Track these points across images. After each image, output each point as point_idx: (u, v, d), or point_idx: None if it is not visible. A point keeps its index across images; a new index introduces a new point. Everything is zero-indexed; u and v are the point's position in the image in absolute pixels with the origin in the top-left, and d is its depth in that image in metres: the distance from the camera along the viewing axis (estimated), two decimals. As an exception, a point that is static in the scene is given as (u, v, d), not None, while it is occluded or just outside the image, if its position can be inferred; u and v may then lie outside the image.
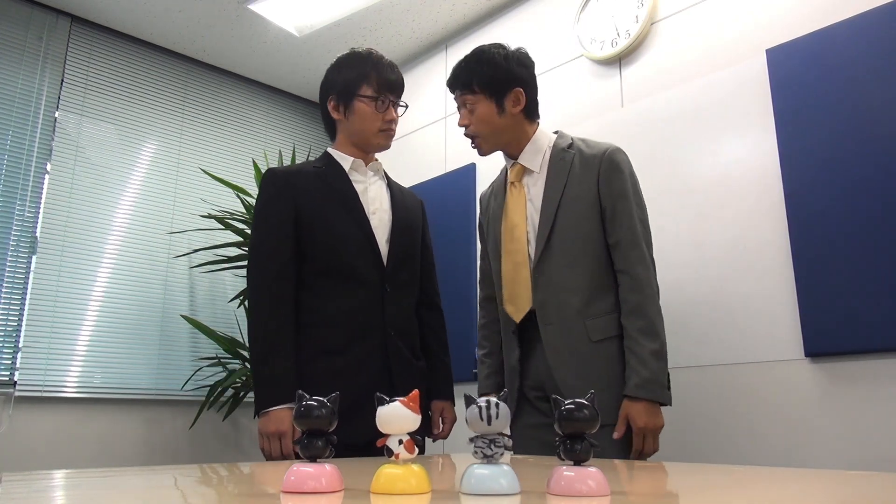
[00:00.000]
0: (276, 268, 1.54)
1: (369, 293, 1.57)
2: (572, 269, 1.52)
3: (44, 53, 2.97)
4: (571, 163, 1.57)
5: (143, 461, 2.89)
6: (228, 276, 3.30)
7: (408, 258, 1.67)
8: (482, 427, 0.61)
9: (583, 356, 1.50)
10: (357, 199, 1.62)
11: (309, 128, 3.92)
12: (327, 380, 1.49)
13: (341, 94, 1.67)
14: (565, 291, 1.52)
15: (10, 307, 2.70)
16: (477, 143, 1.63)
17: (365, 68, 1.65)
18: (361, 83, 1.64)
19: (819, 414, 1.75)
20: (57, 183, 2.91)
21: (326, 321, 1.55)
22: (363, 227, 1.59)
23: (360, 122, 1.65)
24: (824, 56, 1.88)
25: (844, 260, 1.75)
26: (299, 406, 0.64)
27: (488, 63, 1.58)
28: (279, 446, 1.43)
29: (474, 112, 1.59)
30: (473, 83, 1.58)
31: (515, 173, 1.64)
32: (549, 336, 1.52)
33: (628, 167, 1.58)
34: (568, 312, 1.52)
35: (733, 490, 0.74)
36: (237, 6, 3.03)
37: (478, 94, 1.58)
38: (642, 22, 2.40)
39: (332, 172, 1.65)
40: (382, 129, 1.65)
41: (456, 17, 3.14)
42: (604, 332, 1.51)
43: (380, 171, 1.73)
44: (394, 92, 1.66)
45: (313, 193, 1.60)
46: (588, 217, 1.54)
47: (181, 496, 0.72)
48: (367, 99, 1.63)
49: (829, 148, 1.83)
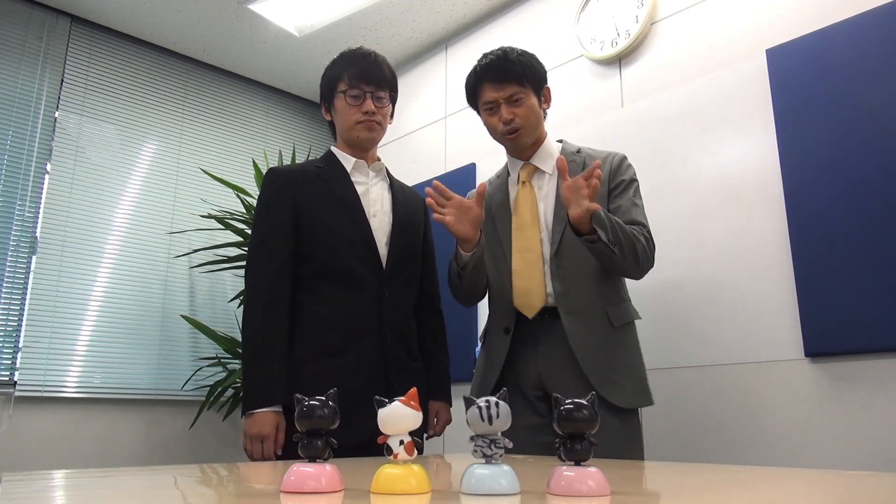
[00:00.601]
0: (275, 268, 1.54)
1: (367, 295, 1.56)
2: (588, 262, 1.55)
3: (44, 53, 2.97)
4: (583, 164, 1.63)
5: (143, 461, 2.89)
6: (228, 276, 3.30)
7: (407, 261, 1.66)
8: (483, 427, 0.61)
9: (607, 341, 1.54)
10: (357, 201, 1.61)
11: (309, 128, 3.92)
12: (323, 381, 1.47)
13: (324, 95, 1.69)
14: (585, 281, 1.56)
15: (10, 307, 2.70)
16: (518, 135, 1.63)
17: (342, 64, 1.65)
18: (338, 80, 1.64)
19: (819, 414, 1.75)
20: (57, 183, 2.91)
21: (323, 322, 1.54)
22: (362, 229, 1.58)
23: (341, 118, 1.65)
24: (824, 56, 1.88)
25: (844, 260, 1.75)
26: (300, 407, 0.64)
27: (530, 58, 1.64)
28: (261, 449, 1.43)
29: (522, 105, 1.60)
30: (523, 77, 1.61)
31: (528, 173, 1.67)
32: (572, 324, 1.54)
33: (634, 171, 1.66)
34: (589, 300, 1.56)
35: (733, 490, 0.74)
36: (237, 6, 3.03)
37: (526, 88, 1.61)
38: (642, 22, 2.40)
39: (333, 173, 1.64)
40: (360, 120, 1.62)
41: (456, 17, 3.14)
42: (622, 318, 1.57)
43: (382, 172, 1.72)
44: (369, 82, 1.61)
45: (313, 194, 1.60)
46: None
47: (181, 496, 0.72)
48: (341, 94, 1.63)
49: (829, 148, 1.83)
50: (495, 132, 1.66)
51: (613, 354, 1.54)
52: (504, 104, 1.61)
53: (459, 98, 3.16)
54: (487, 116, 1.65)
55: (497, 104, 1.62)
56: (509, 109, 1.60)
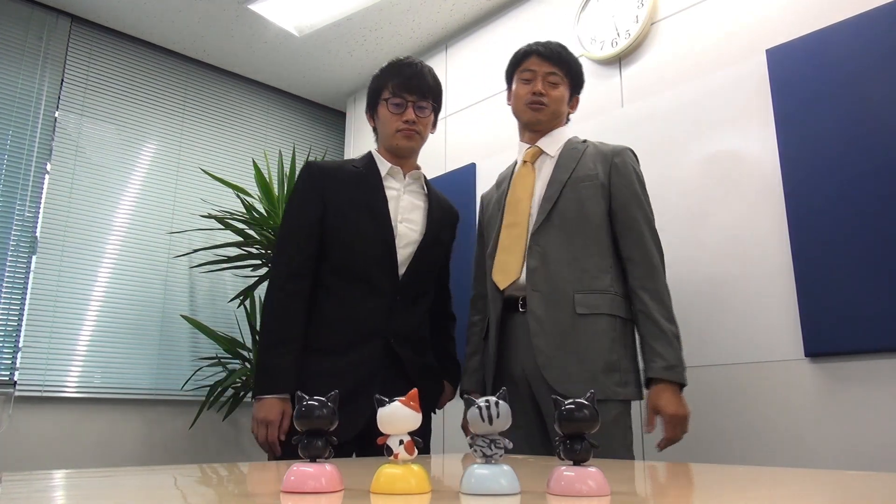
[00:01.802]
0: (299, 261, 1.58)
1: (380, 300, 1.58)
2: (569, 244, 1.55)
3: (44, 53, 2.97)
4: (584, 151, 1.66)
5: (143, 461, 2.89)
6: (228, 276, 3.30)
7: (426, 272, 1.68)
8: (483, 427, 0.61)
9: (564, 327, 1.50)
10: (385, 206, 1.62)
11: (309, 128, 3.92)
12: (322, 379, 1.51)
13: (370, 102, 1.74)
14: (559, 262, 1.55)
15: (10, 307, 2.70)
16: (540, 111, 1.68)
17: (388, 73, 1.69)
18: (383, 89, 1.68)
19: (819, 414, 1.75)
20: (57, 183, 2.91)
21: (333, 322, 1.57)
22: (385, 234, 1.60)
23: (382, 126, 1.70)
24: (824, 56, 1.88)
25: (844, 259, 1.75)
26: (300, 406, 0.64)
27: (578, 63, 1.74)
28: (265, 433, 1.48)
29: (556, 88, 1.68)
30: (567, 68, 1.69)
31: (531, 154, 1.70)
32: (534, 303, 1.53)
33: (638, 165, 1.67)
34: (557, 282, 1.53)
35: (733, 490, 0.74)
36: (237, 6, 3.03)
37: (565, 78, 1.70)
38: (642, 22, 2.40)
39: (367, 175, 1.66)
40: (399, 129, 1.66)
41: (456, 17, 3.14)
42: (592, 307, 1.51)
43: (419, 181, 1.73)
44: (412, 92, 1.66)
45: (344, 193, 1.63)
46: (594, 199, 1.58)
47: (181, 496, 0.72)
48: (384, 102, 1.68)
49: (829, 147, 1.83)
50: (519, 101, 1.71)
51: (567, 340, 1.49)
52: (542, 79, 1.67)
53: (459, 98, 3.17)
54: (520, 84, 1.71)
55: (535, 76, 1.68)
56: (544, 85, 1.67)
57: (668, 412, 1.43)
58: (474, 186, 2.87)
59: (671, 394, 1.44)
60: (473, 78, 3.11)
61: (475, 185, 2.87)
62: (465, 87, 3.14)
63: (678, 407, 1.44)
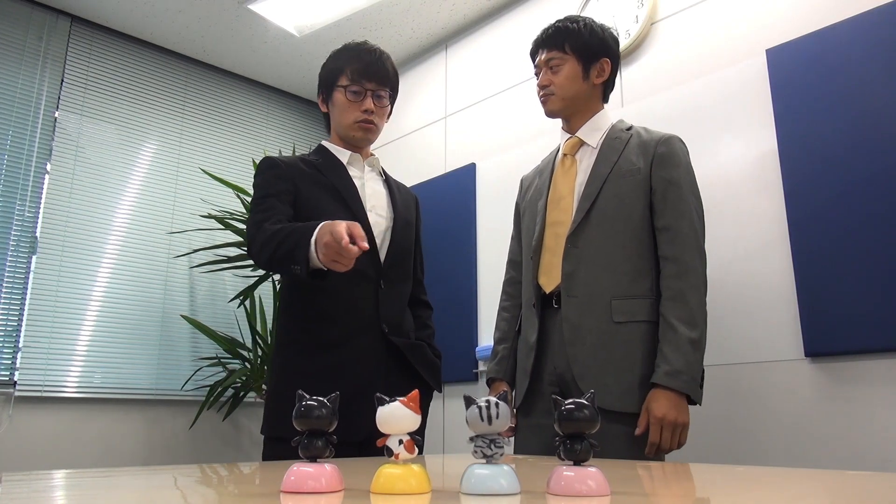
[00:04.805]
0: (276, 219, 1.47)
1: (365, 289, 1.56)
2: (608, 245, 1.47)
3: (44, 53, 2.97)
4: (627, 142, 1.56)
5: (143, 461, 2.89)
6: (228, 276, 3.30)
7: (404, 255, 1.67)
8: (482, 427, 0.61)
9: (601, 336, 1.44)
10: (357, 194, 1.61)
11: (309, 128, 3.92)
12: (325, 376, 1.49)
13: (323, 86, 1.67)
14: (597, 266, 1.47)
15: (10, 307, 2.70)
16: (547, 98, 1.62)
17: (345, 57, 1.63)
18: (340, 73, 1.62)
19: (819, 414, 1.75)
20: (57, 183, 2.91)
21: (323, 316, 1.54)
22: (362, 223, 1.58)
23: (338, 113, 1.64)
24: (824, 56, 1.88)
25: (844, 260, 1.75)
26: (299, 406, 0.64)
27: (586, 27, 1.61)
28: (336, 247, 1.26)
29: (558, 72, 1.60)
30: (566, 43, 1.60)
31: (571, 146, 1.62)
32: (570, 309, 1.47)
33: (686, 156, 1.55)
34: (595, 288, 1.46)
35: (733, 490, 0.74)
36: (237, 6, 3.03)
37: (567, 55, 1.60)
38: (642, 22, 2.40)
39: (329, 166, 1.63)
40: (358, 120, 1.60)
41: (456, 17, 3.14)
42: (629, 314, 1.45)
43: (376, 167, 1.72)
44: (371, 79, 1.59)
45: (312, 185, 1.58)
46: (634, 196, 1.49)
47: (181, 496, 0.72)
48: (341, 88, 1.61)
49: (829, 148, 1.83)
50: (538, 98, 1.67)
51: (604, 350, 1.43)
52: (544, 68, 1.63)
53: (459, 98, 3.17)
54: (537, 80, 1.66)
55: (540, 68, 1.65)
56: (545, 74, 1.62)
57: (657, 414, 1.35)
58: (474, 186, 2.87)
59: (666, 399, 1.35)
60: (473, 78, 3.11)
61: (475, 185, 2.87)
62: (465, 87, 3.14)
63: (668, 410, 1.35)
